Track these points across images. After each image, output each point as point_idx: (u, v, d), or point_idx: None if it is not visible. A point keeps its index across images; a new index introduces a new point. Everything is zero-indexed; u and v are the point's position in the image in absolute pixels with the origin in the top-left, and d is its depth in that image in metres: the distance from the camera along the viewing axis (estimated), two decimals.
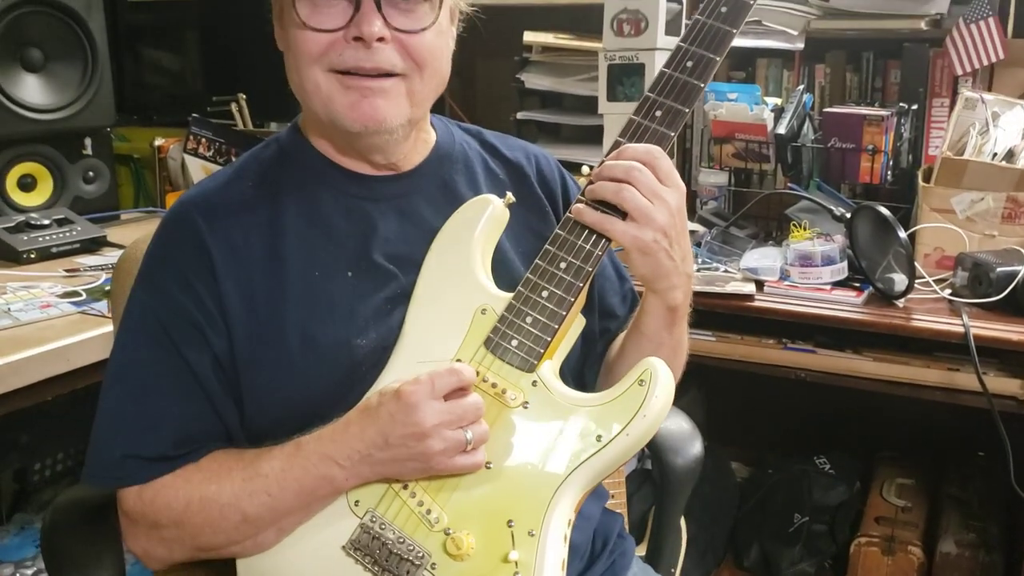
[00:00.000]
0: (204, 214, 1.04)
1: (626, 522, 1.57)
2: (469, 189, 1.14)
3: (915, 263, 1.81)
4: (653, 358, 1.00)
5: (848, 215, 1.92)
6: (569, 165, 1.36)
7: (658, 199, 0.99)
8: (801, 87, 2.26)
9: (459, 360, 1.01)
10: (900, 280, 1.82)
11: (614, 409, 0.98)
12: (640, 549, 1.40)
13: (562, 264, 1.02)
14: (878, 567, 2.15)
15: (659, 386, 0.97)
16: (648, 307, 1.10)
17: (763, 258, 2.00)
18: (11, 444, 2.11)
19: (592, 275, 1.03)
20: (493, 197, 1.09)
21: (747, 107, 2.19)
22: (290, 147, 1.12)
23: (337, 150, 1.10)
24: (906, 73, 2.23)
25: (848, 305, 1.85)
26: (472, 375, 0.96)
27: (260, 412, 1.03)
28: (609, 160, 1.02)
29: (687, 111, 1.04)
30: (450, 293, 1.05)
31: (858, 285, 1.91)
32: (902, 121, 2.14)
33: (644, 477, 2.20)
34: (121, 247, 1.88)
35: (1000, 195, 1.90)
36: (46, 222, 2.08)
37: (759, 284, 1.92)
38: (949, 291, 1.86)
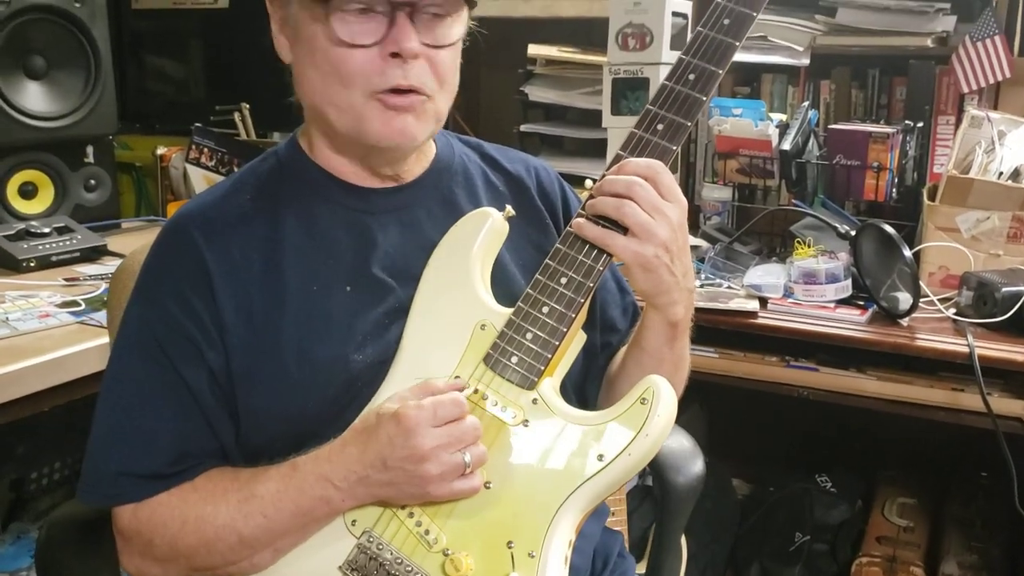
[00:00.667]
0: (202, 228, 1.03)
1: (626, 540, 1.56)
2: (469, 202, 1.13)
3: (920, 282, 1.79)
4: (655, 376, 0.99)
5: (853, 232, 1.91)
6: (572, 178, 1.35)
7: (659, 214, 0.99)
8: (806, 103, 2.26)
9: (458, 376, 1.00)
10: (904, 299, 1.80)
11: (616, 428, 0.96)
12: (640, 567, 1.39)
13: (563, 279, 1.01)
14: None
15: (661, 405, 0.96)
16: (649, 322, 1.09)
17: (767, 275, 1.99)
18: (8, 453, 2.10)
19: (593, 291, 1.01)
20: (492, 210, 1.08)
21: (752, 123, 2.19)
22: (289, 160, 1.10)
23: (338, 163, 1.08)
24: (912, 90, 2.23)
25: (852, 323, 1.83)
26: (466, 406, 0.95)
27: (255, 428, 1.02)
28: (610, 175, 1.01)
29: (689, 124, 1.03)
30: (449, 308, 1.04)
31: (862, 303, 1.89)
32: (907, 138, 2.13)
33: (645, 494, 2.18)
34: (121, 256, 1.87)
35: (1006, 214, 1.90)
36: (46, 230, 2.07)
37: (762, 301, 1.91)
38: (954, 310, 1.84)
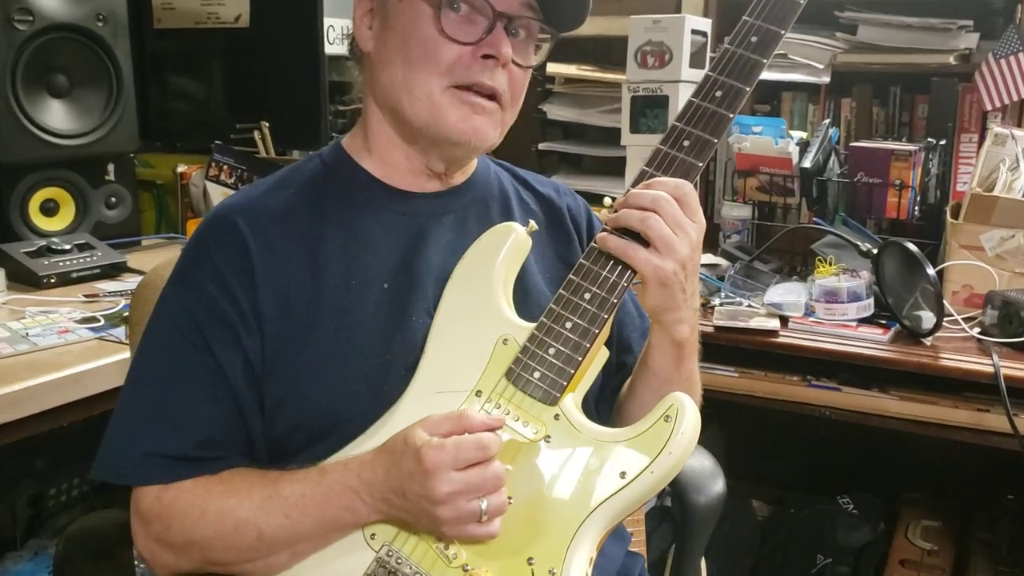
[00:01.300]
0: (246, 217, 1.05)
1: (645, 561, 1.54)
2: (502, 215, 1.16)
3: (943, 300, 1.77)
4: (679, 393, 0.98)
5: (875, 251, 1.89)
6: (590, 196, 1.36)
7: (681, 231, 0.99)
8: (827, 121, 2.25)
9: (479, 392, 0.99)
10: (928, 318, 1.79)
11: (639, 445, 0.95)
12: None
13: (587, 295, 1.00)
14: None
15: (686, 422, 0.95)
16: (655, 341, 1.09)
17: (787, 293, 1.98)
18: (27, 469, 2.10)
19: (616, 307, 1.01)
20: (516, 224, 1.09)
21: (772, 140, 2.18)
22: (333, 162, 1.13)
23: (388, 164, 1.10)
24: (934, 108, 2.21)
25: (874, 342, 1.81)
26: (499, 446, 0.93)
27: (276, 417, 1.02)
28: (636, 190, 1.01)
29: (716, 141, 1.03)
30: (471, 322, 1.03)
31: (884, 322, 1.88)
32: (930, 156, 2.12)
33: (664, 514, 2.15)
34: (141, 273, 1.88)
35: None
36: (67, 247, 2.09)
37: (783, 320, 1.90)
38: (978, 330, 1.83)
